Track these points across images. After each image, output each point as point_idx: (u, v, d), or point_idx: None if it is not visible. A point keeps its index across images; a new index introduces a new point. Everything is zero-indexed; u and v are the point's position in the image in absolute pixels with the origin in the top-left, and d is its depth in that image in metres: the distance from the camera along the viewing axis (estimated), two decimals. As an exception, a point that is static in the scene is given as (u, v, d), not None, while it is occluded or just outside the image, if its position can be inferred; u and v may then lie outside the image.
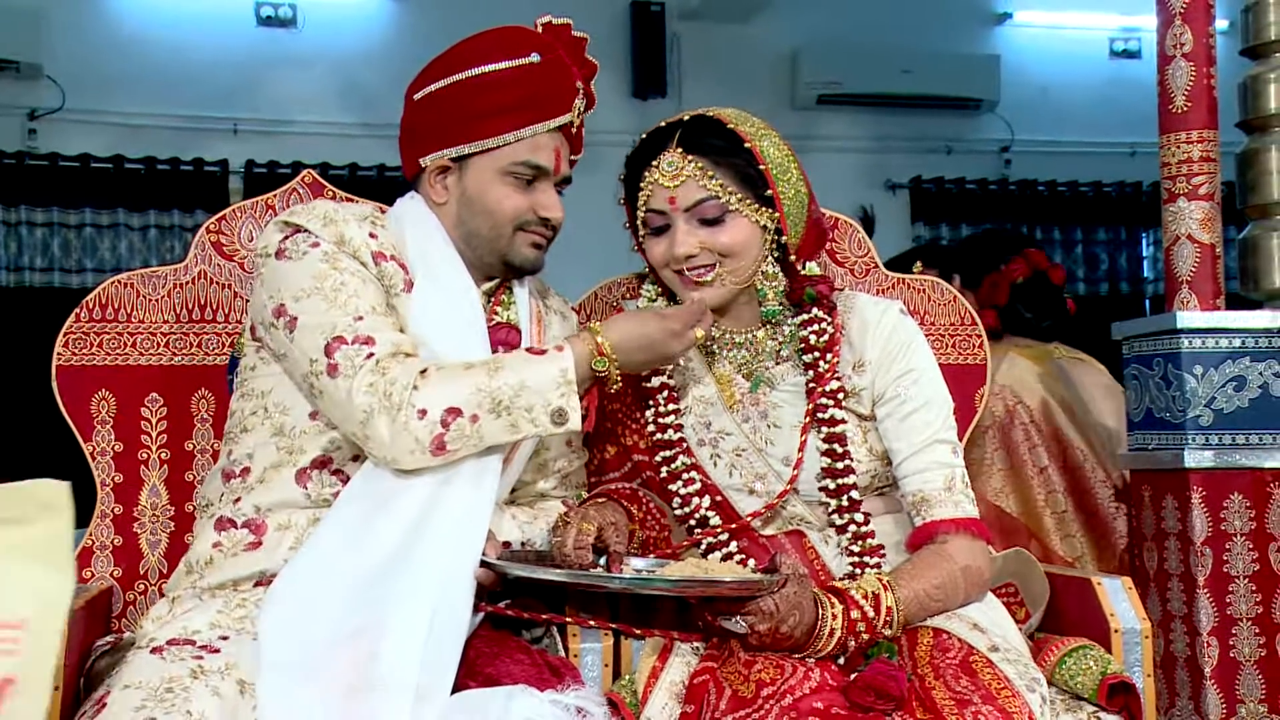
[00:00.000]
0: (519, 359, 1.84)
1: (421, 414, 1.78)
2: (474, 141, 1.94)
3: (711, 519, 1.98)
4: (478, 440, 1.80)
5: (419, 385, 1.79)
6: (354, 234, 1.90)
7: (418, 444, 1.78)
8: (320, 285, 1.86)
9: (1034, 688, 1.74)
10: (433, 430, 1.78)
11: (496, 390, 1.80)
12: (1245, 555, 2.46)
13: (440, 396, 1.79)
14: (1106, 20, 6.91)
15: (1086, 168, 6.81)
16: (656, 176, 1.96)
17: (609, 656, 1.93)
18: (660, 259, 1.99)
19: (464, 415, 1.79)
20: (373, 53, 6.11)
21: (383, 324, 1.85)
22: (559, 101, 1.97)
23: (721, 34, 6.36)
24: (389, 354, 1.82)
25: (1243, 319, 2.53)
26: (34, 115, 5.79)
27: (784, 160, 1.98)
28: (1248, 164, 2.71)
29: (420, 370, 1.81)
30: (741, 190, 1.95)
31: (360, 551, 1.78)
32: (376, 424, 1.78)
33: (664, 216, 1.98)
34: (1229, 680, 2.44)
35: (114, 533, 2.16)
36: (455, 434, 1.79)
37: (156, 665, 1.71)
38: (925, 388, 2.01)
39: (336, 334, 1.82)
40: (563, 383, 1.82)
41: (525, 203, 1.96)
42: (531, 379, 1.81)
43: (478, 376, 1.81)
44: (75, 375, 2.16)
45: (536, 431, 1.82)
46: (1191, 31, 2.56)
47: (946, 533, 1.93)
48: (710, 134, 1.97)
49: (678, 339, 1.90)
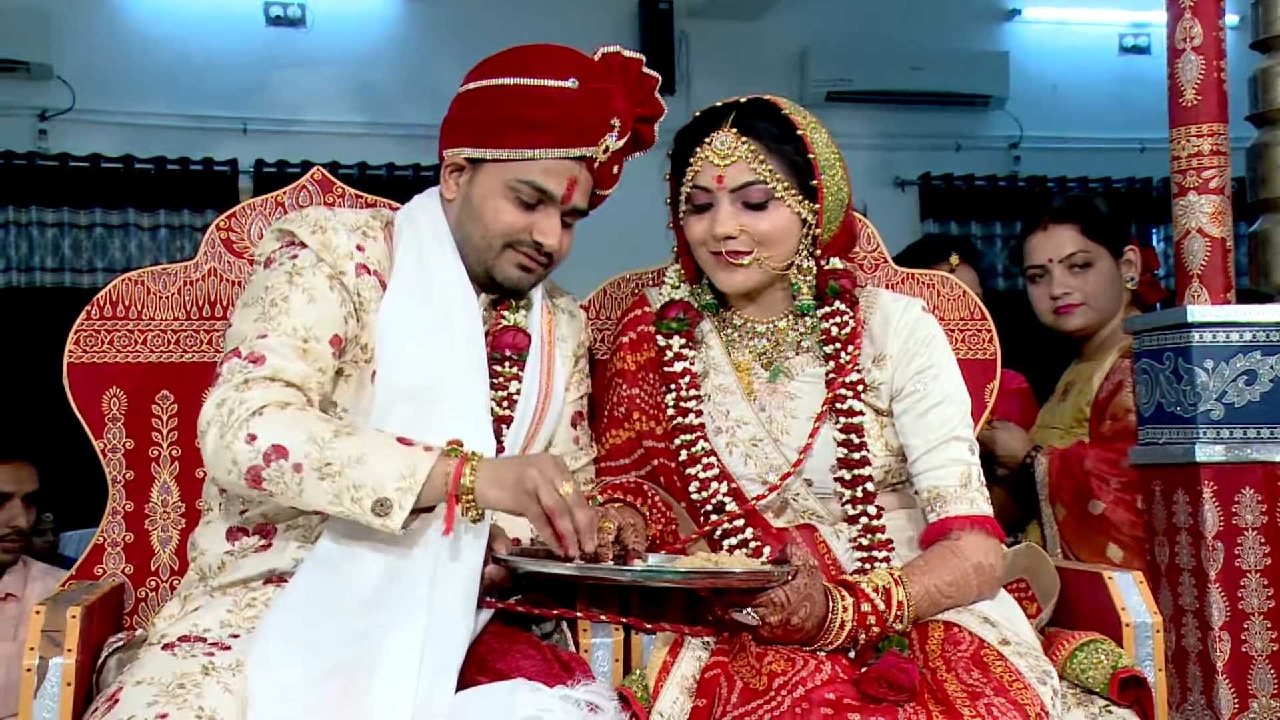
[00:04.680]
0: (380, 437, 1.75)
1: (250, 439, 1.72)
2: (490, 148, 1.93)
3: (728, 505, 1.98)
4: (296, 491, 1.71)
5: (264, 413, 1.74)
6: (340, 243, 1.90)
7: (235, 467, 1.73)
8: (264, 297, 1.85)
9: (1045, 680, 1.75)
10: (253, 460, 1.72)
11: (333, 451, 1.70)
12: (1257, 550, 2.45)
13: (276, 431, 1.72)
14: (1115, 16, 6.89)
15: (1096, 164, 6.79)
16: (707, 154, 1.97)
17: (620, 651, 1.94)
18: (699, 237, 2.00)
19: (288, 459, 1.71)
20: (382, 52, 6.12)
21: (287, 348, 1.81)
22: (585, 133, 1.92)
23: (730, 31, 6.36)
24: (264, 376, 1.78)
25: (1253, 313, 2.52)
26: (44, 116, 5.80)
27: (832, 156, 2.00)
28: (1258, 158, 2.70)
29: (282, 402, 1.77)
30: (788, 179, 1.96)
31: (347, 581, 1.77)
32: (208, 436, 1.76)
33: (709, 194, 1.98)
34: (1241, 675, 2.44)
35: (125, 529, 2.17)
36: (274, 473, 1.72)
37: (168, 662, 1.72)
38: (944, 384, 2.01)
39: (236, 346, 1.82)
40: (407, 478, 1.69)
41: (522, 222, 1.93)
42: (376, 458, 1.70)
43: (323, 429, 1.73)
44: (87, 373, 2.17)
45: (353, 512, 1.69)
46: (1201, 25, 2.55)
47: (960, 530, 1.93)
48: (765, 118, 1.98)
49: (545, 484, 1.70)
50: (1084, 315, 2.92)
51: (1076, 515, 2.77)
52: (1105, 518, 2.72)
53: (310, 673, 1.70)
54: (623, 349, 2.11)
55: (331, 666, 1.71)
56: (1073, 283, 2.90)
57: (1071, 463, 2.77)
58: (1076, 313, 2.92)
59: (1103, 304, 2.92)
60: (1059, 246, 2.91)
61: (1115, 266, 2.93)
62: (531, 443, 1.98)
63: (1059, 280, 2.91)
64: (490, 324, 2.00)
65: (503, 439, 1.93)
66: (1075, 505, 2.76)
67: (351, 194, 2.27)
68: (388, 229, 1.98)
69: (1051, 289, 2.92)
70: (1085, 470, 2.74)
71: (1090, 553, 2.74)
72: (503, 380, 1.96)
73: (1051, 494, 2.80)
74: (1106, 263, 2.92)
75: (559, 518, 1.69)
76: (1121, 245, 2.94)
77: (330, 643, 1.73)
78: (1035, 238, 2.97)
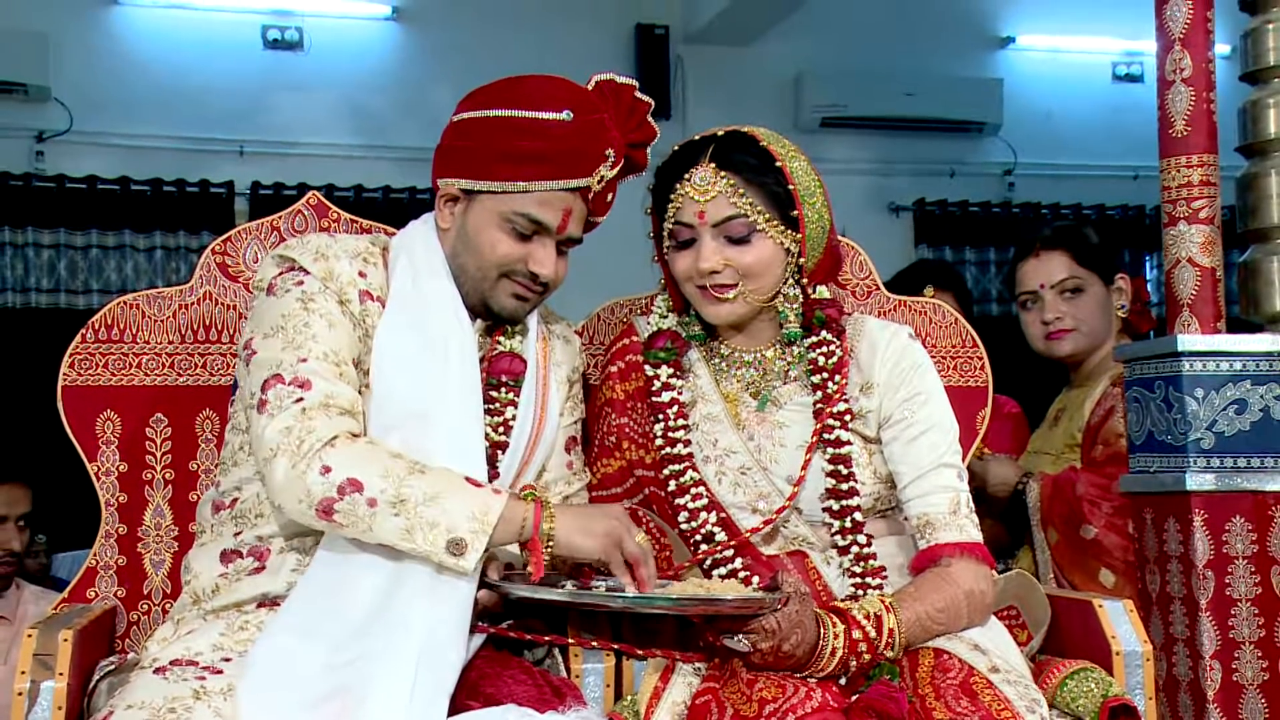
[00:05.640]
0: (451, 475, 1.78)
1: (325, 471, 1.73)
2: (484, 180, 1.93)
3: (717, 534, 1.99)
4: (367, 526, 1.73)
5: (336, 444, 1.76)
6: (343, 270, 1.90)
7: (307, 497, 1.74)
8: (285, 324, 1.85)
9: (1034, 709, 1.75)
10: (327, 491, 1.73)
11: (409, 487, 1.73)
12: (1247, 579, 2.46)
13: (351, 463, 1.74)
14: (1109, 44, 6.93)
15: (1089, 191, 6.82)
16: (687, 190, 1.98)
17: (611, 677, 1.94)
18: (684, 272, 2.01)
19: (363, 493, 1.72)
20: (379, 76, 6.14)
21: (328, 372, 1.82)
22: (580, 165, 1.92)
23: (725, 57, 6.38)
24: (319, 403, 1.79)
25: (1243, 342, 2.53)
26: (41, 137, 5.81)
27: (811, 184, 2.00)
28: (1248, 188, 2.71)
29: (350, 432, 1.79)
30: (769, 210, 1.97)
31: (340, 607, 1.77)
32: (276, 464, 1.75)
33: (691, 230, 1.99)
34: (1232, 704, 2.44)
35: (118, 553, 2.17)
36: (347, 506, 1.73)
37: (159, 685, 1.72)
38: (932, 411, 2.02)
39: (277, 372, 1.81)
40: (479, 519, 1.74)
41: (518, 253, 1.93)
42: (450, 497, 1.74)
43: (398, 465, 1.75)
44: (81, 395, 2.17)
45: (427, 550, 1.72)
46: (1191, 56, 2.57)
47: (950, 556, 1.94)
48: (743, 151, 1.99)
49: (627, 535, 1.82)
50: (1075, 341, 2.93)
51: (1069, 540, 2.77)
52: (1098, 542, 2.72)
53: (302, 698, 1.70)
54: (611, 378, 2.11)
55: (323, 692, 1.71)
56: (1064, 308, 2.92)
57: (1064, 488, 2.78)
58: (1068, 338, 2.93)
59: (1094, 330, 2.94)
60: (1050, 273, 2.93)
61: (1106, 293, 2.95)
62: (526, 468, 1.98)
63: (1050, 306, 2.93)
64: (486, 350, 2.00)
65: (498, 465, 1.93)
66: (1067, 530, 2.77)
67: (346, 219, 2.27)
68: (384, 255, 1.98)
69: (1043, 314, 2.94)
70: (1077, 495, 2.75)
71: (1083, 577, 2.74)
72: (499, 406, 1.96)
73: (1044, 519, 2.81)
74: (1097, 289, 2.94)
75: (641, 566, 1.81)
76: (1112, 273, 2.96)
77: (322, 668, 1.73)
78: (1027, 264, 2.98)
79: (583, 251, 2.06)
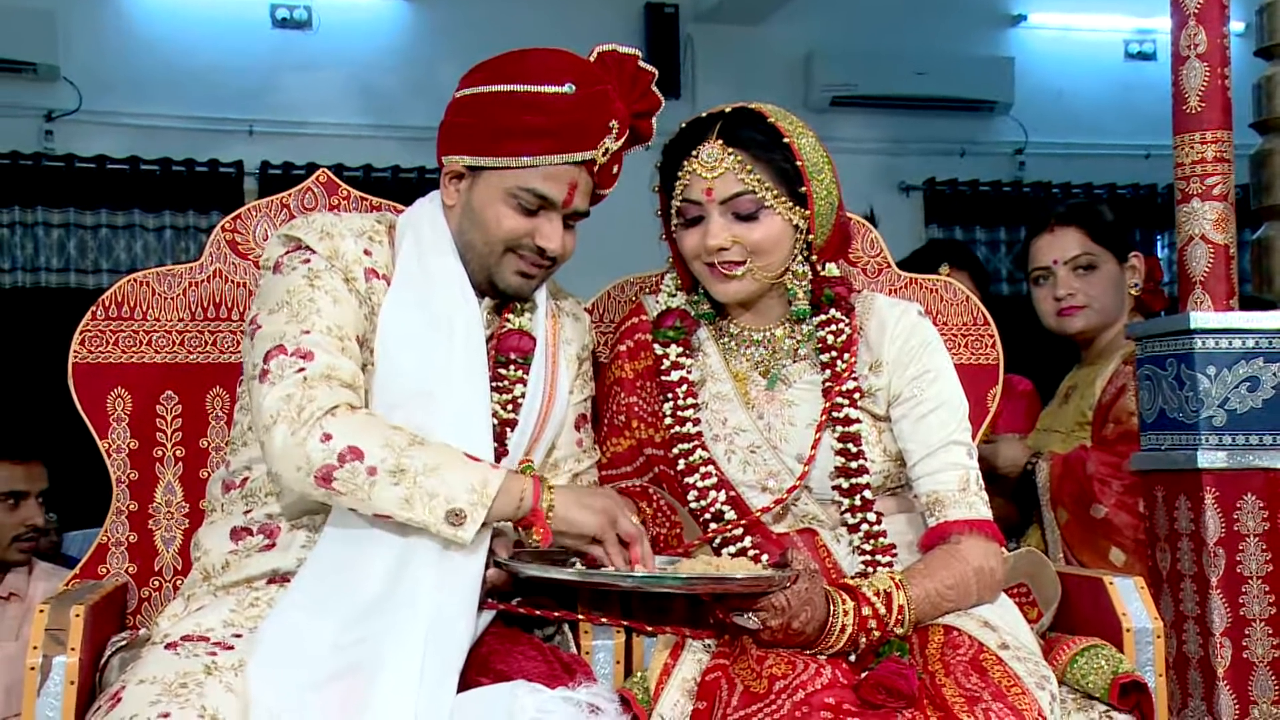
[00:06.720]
0: (449, 449, 1.78)
1: (325, 438, 1.74)
2: (489, 156, 1.92)
3: (726, 513, 1.99)
4: (366, 495, 1.73)
5: (337, 413, 1.76)
6: (348, 248, 1.90)
7: (307, 464, 1.74)
8: (290, 300, 1.85)
9: (1044, 685, 1.75)
10: (327, 458, 1.73)
11: (409, 458, 1.74)
12: (1259, 556, 2.46)
13: (352, 432, 1.74)
14: (1121, 22, 6.89)
15: (1101, 170, 6.78)
16: (695, 167, 1.97)
17: (621, 653, 1.94)
18: (692, 250, 2.00)
19: (364, 461, 1.73)
20: (387, 55, 6.13)
21: (331, 345, 1.83)
22: (585, 137, 1.91)
23: (735, 36, 6.36)
24: (321, 374, 1.79)
25: (1256, 319, 2.52)
26: (50, 117, 5.81)
27: (820, 160, 1.99)
28: (1262, 165, 2.70)
29: (349, 404, 1.79)
30: (777, 187, 1.96)
31: (349, 584, 1.77)
32: (275, 432, 1.75)
33: (699, 207, 1.98)
34: (1242, 681, 2.44)
35: (129, 529, 2.17)
36: (346, 474, 1.73)
37: (171, 661, 1.73)
38: (942, 389, 2.01)
39: (280, 343, 1.82)
40: (478, 490, 1.74)
41: (524, 227, 1.93)
42: (450, 469, 1.74)
43: (398, 436, 1.76)
44: (91, 373, 2.18)
45: (425, 520, 1.73)
46: (1206, 32, 2.55)
47: (960, 534, 1.93)
48: (751, 127, 1.97)
49: (622, 514, 1.85)
50: (1087, 318, 2.92)
51: (1079, 519, 2.77)
52: (1108, 521, 2.72)
53: (312, 675, 1.71)
54: (620, 357, 2.11)
55: (333, 669, 1.71)
56: (1077, 285, 2.91)
57: (1074, 467, 2.78)
58: (1080, 315, 2.92)
59: (1106, 307, 2.93)
60: (1064, 248, 2.92)
61: (1119, 271, 2.94)
62: (535, 446, 1.98)
63: (1063, 282, 2.92)
64: (495, 328, 2.00)
65: (507, 442, 1.93)
66: (1077, 509, 2.76)
67: (356, 196, 2.28)
68: (390, 233, 1.98)
69: (1055, 291, 2.93)
70: (1087, 474, 2.75)
71: (1093, 556, 2.74)
72: (508, 384, 1.96)
73: (1053, 498, 2.80)
74: (1110, 266, 2.93)
75: (636, 544, 1.83)
76: (1126, 251, 2.95)
77: (332, 645, 1.73)
78: (1041, 240, 2.97)
79: (591, 230, 2.05)
